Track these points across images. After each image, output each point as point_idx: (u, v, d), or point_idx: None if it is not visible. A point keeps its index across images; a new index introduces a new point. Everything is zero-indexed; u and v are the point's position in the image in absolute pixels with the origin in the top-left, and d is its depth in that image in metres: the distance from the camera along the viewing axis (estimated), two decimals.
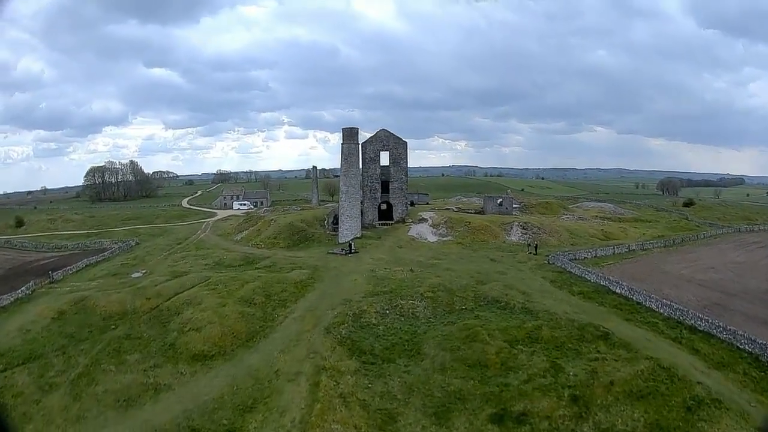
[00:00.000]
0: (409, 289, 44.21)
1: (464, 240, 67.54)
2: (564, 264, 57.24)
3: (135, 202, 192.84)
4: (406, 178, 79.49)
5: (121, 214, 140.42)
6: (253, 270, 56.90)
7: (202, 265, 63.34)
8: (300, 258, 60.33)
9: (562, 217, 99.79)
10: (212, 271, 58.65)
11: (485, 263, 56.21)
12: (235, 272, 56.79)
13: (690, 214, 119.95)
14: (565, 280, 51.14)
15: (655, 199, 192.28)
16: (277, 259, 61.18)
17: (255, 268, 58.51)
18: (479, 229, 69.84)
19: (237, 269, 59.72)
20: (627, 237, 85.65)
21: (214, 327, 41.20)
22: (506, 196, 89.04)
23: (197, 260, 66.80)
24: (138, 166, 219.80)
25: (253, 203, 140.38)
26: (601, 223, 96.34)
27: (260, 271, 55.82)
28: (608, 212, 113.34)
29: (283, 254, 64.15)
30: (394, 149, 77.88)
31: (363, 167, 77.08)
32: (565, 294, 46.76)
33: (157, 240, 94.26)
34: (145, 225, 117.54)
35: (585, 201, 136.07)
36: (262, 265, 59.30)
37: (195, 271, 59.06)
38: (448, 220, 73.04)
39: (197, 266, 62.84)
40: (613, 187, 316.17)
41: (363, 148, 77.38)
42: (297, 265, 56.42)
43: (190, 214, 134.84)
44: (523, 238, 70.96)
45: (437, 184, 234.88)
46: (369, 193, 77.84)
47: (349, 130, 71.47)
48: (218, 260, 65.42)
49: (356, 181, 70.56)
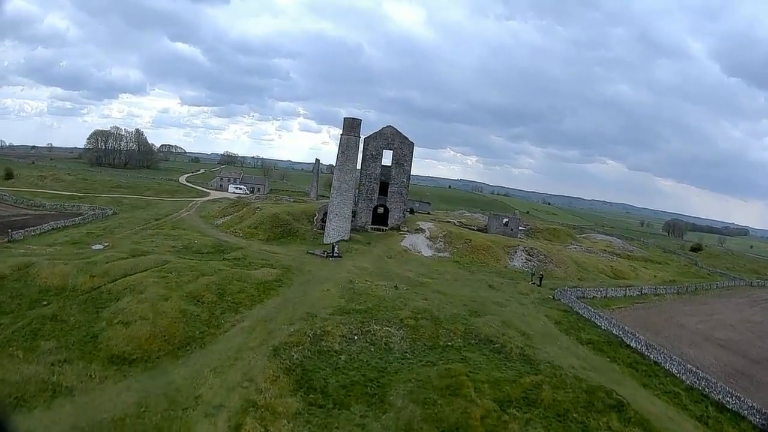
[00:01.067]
0: (388, 310, 36.27)
1: (462, 259, 59.50)
2: (571, 302, 49.58)
3: (134, 171, 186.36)
4: (408, 182, 71.58)
5: (114, 181, 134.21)
6: (219, 261, 49.20)
7: (169, 247, 55.81)
8: (275, 254, 52.52)
9: (569, 246, 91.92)
10: (175, 256, 51.05)
11: (482, 290, 48.30)
12: (198, 260, 49.15)
13: (699, 260, 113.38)
14: (572, 322, 43.27)
15: (661, 239, 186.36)
16: (251, 251, 53.43)
17: (222, 258, 50.81)
18: (480, 248, 61.77)
19: (202, 257, 52.09)
20: (638, 278, 78.25)
21: (145, 325, 33.47)
22: (513, 217, 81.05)
23: (166, 241, 59.32)
24: (143, 136, 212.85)
25: (250, 188, 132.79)
26: (611, 258, 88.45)
27: (226, 263, 48.08)
28: (617, 247, 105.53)
29: (258, 247, 56.39)
30: (398, 149, 69.60)
31: (362, 164, 69.33)
32: (572, 341, 38.89)
33: (136, 212, 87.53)
34: (133, 195, 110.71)
35: (592, 232, 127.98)
36: (231, 256, 51.58)
37: (157, 253, 51.54)
38: (448, 234, 65.00)
39: (163, 247, 55.35)
40: (618, 222, 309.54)
41: (365, 144, 69.39)
42: (269, 262, 48.64)
43: (183, 191, 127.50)
44: (527, 265, 63.03)
45: (442, 195, 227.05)
46: (365, 193, 69.70)
47: (350, 120, 63.13)
48: (188, 244, 57.81)
49: (351, 177, 62.62)
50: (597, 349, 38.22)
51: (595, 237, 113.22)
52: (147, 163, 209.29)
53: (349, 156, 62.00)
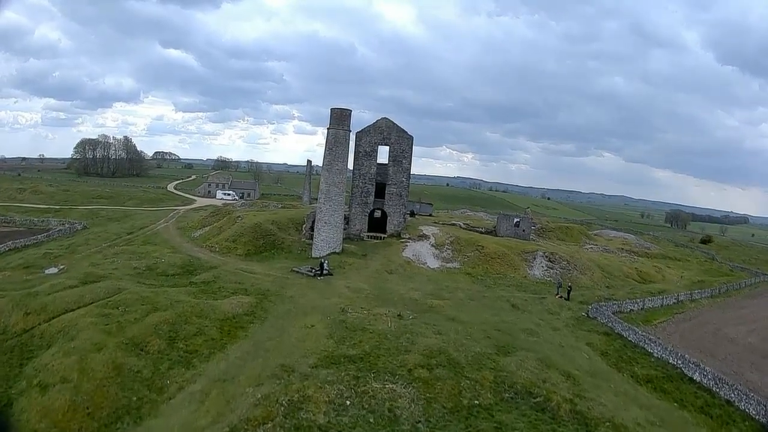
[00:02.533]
0: (391, 355, 26.97)
1: (475, 270, 50.10)
2: (610, 321, 40.70)
3: (121, 180, 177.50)
4: (408, 182, 61.74)
5: (97, 191, 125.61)
6: (183, 287, 39.85)
7: (130, 269, 46.62)
8: (252, 275, 43.07)
9: (586, 246, 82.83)
10: (133, 281, 41.85)
11: (505, 311, 39.04)
12: (159, 286, 39.87)
13: (715, 254, 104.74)
14: (619, 351, 34.28)
15: (665, 231, 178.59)
16: (224, 272, 44.05)
17: (189, 282, 41.50)
18: (494, 256, 52.34)
19: (166, 280, 42.85)
20: (665, 280, 69.36)
21: (65, 391, 24.19)
22: (524, 217, 71.77)
23: (130, 260, 50.04)
24: (131, 143, 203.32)
25: (239, 194, 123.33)
26: (632, 258, 79.47)
27: (190, 289, 38.71)
28: (633, 245, 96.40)
29: (234, 265, 46.97)
30: (396, 144, 59.70)
31: (355, 163, 59.75)
32: (627, 380, 29.89)
33: (110, 226, 78.38)
34: (111, 206, 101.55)
35: (603, 229, 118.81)
36: (200, 279, 42.22)
37: (114, 277, 42.41)
38: (456, 240, 55.50)
39: (123, 269, 46.20)
40: (618, 215, 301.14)
41: (357, 139, 59.66)
42: (242, 285, 39.24)
43: (168, 199, 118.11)
44: (548, 273, 53.84)
45: (441, 194, 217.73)
46: (359, 196, 60.17)
47: (338, 111, 52.09)
48: (153, 264, 48.51)
49: (342, 179, 52.47)
50: (658, 389, 29.55)
51: (609, 234, 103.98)
52: (137, 171, 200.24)
53: (338, 153, 51.70)
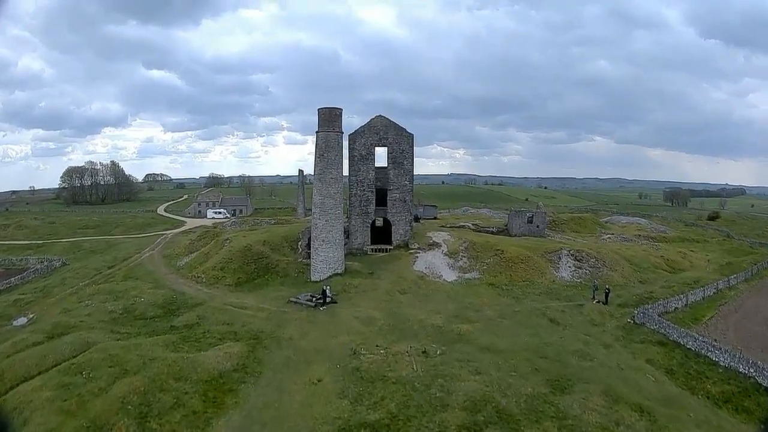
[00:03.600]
0: (424, 415, 20.52)
1: (498, 279, 43.54)
2: (661, 327, 34.97)
3: (110, 206, 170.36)
4: (411, 185, 54.45)
5: (84, 220, 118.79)
6: (163, 333, 33.28)
7: (105, 313, 40.25)
8: (243, 311, 36.44)
9: (603, 236, 76.68)
10: (106, 330, 35.40)
11: (544, 328, 32.70)
12: (134, 335, 33.41)
13: (729, 231, 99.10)
14: (683, 364, 28.49)
15: (672, 211, 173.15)
16: (210, 309, 37.49)
17: (169, 327, 34.90)
18: (516, 261, 45.80)
19: (143, 326, 36.28)
20: (693, 266, 63.48)
21: None
22: (538, 211, 65.33)
23: (106, 302, 43.51)
24: (119, 168, 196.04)
25: (231, 211, 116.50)
26: (654, 246, 73.35)
27: (171, 336, 32.16)
28: (648, 230, 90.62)
29: (222, 299, 40.36)
30: (395, 144, 52.75)
31: (350, 169, 53.09)
32: (703, 403, 24.18)
33: (91, 259, 71.68)
34: (96, 236, 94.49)
35: (612, 215, 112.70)
36: (183, 321, 35.63)
37: (85, 327, 36.08)
38: (470, 245, 48.91)
39: (97, 315, 39.86)
40: (615, 197, 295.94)
41: (351, 142, 53.05)
42: (232, 327, 32.68)
43: (157, 223, 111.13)
44: (577, 274, 47.54)
45: (438, 192, 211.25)
46: (358, 205, 53.39)
47: (327, 111, 44.72)
48: (131, 305, 42.01)
49: (337, 188, 45.69)
50: (740, 410, 24.15)
51: (620, 220, 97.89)
52: (126, 195, 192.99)
53: (330, 160, 44.64)
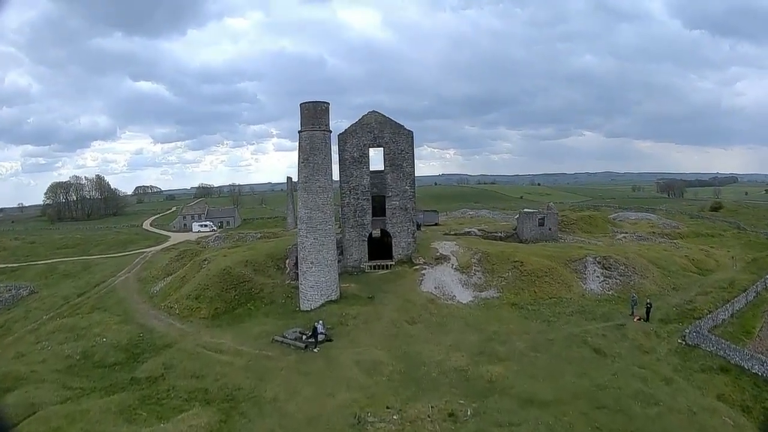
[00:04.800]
0: None
1: (520, 297, 36.37)
2: (719, 348, 29.60)
3: (96, 222, 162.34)
4: (413, 190, 46.44)
5: (66, 239, 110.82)
6: (120, 390, 26.10)
7: (61, 359, 33.52)
8: (218, 356, 29.16)
9: (618, 236, 70.26)
10: (56, 386, 28.51)
11: (590, 362, 25.92)
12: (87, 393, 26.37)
13: (739, 222, 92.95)
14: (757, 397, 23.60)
15: (672, 203, 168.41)
16: (180, 353, 30.20)
17: (129, 379, 27.71)
18: (539, 274, 38.62)
19: (100, 377, 29.25)
20: (719, 265, 57.20)
21: None
22: (550, 212, 58.37)
23: (64, 344, 36.45)
24: (104, 182, 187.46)
25: (218, 223, 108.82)
26: (674, 245, 67.06)
27: (129, 394, 25.07)
28: (661, 226, 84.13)
29: (195, 338, 33.02)
30: (392, 144, 44.96)
31: (341, 174, 45.79)
32: None
33: (62, 285, 64.44)
34: (74, 257, 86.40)
35: (619, 211, 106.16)
36: (145, 372, 28.37)
37: (35, 379, 29.49)
38: (483, 257, 41.65)
39: (52, 361, 33.22)
40: (608, 191, 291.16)
41: (340, 144, 45.61)
42: (202, 382, 25.48)
43: (140, 239, 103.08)
44: (608, 285, 40.67)
45: (432, 194, 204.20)
46: (352, 216, 45.86)
47: (312, 106, 36.86)
48: (91, 348, 34.88)
49: (326, 198, 37.83)
50: None
51: (629, 217, 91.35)
52: (113, 210, 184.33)
53: (316, 165, 36.94)
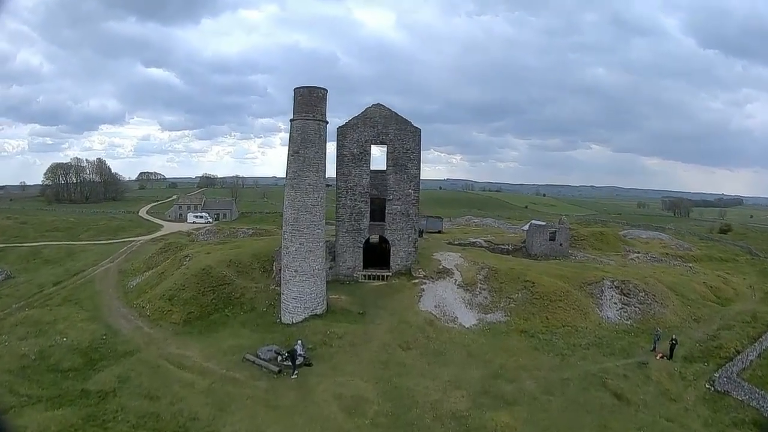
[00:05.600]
0: None
1: (531, 323, 32.04)
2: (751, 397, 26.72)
3: (94, 205, 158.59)
4: (417, 194, 41.36)
5: (58, 220, 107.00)
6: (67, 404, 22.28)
7: (16, 359, 29.93)
8: (180, 374, 25.10)
9: (630, 256, 65.84)
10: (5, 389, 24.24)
11: (612, 412, 21.96)
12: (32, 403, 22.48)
13: (751, 247, 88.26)
14: None
15: (674, 221, 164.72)
16: (140, 365, 26.22)
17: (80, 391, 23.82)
18: (553, 297, 34.26)
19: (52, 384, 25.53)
20: (738, 295, 52.75)
21: None
22: (562, 227, 54.10)
23: (23, 341, 32.70)
24: (105, 166, 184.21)
25: (214, 215, 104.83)
26: (687, 267, 62.76)
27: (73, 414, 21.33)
28: (673, 246, 79.71)
29: (161, 346, 28.98)
30: (397, 141, 39.94)
31: (338, 172, 41.00)
32: None
33: (40, 272, 60.98)
34: (62, 241, 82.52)
35: (628, 228, 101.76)
36: (98, 383, 24.54)
37: None
38: (490, 273, 37.13)
39: (7, 360, 30.02)
40: (613, 206, 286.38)
41: (339, 137, 40.68)
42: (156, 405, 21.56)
43: (132, 227, 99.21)
44: (626, 313, 36.42)
45: (435, 198, 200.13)
46: (348, 219, 41.17)
47: (306, 92, 32.45)
48: (49, 348, 30.99)
49: (316, 199, 33.35)
50: None
51: (640, 235, 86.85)
52: (112, 194, 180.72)
53: (308, 159, 32.70)
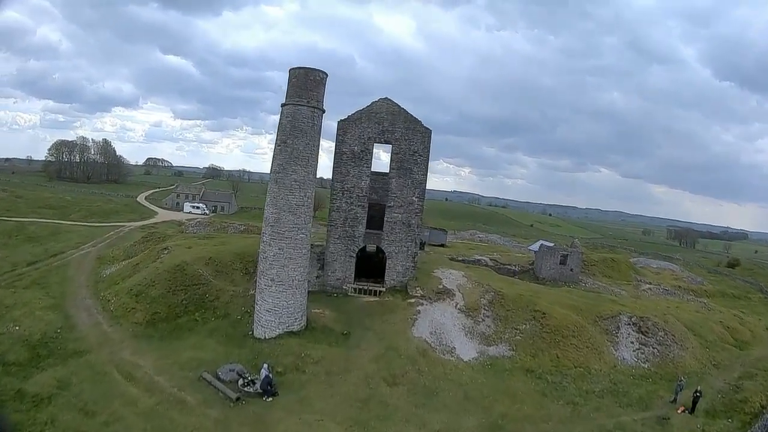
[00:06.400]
0: None
1: (538, 361, 27.75)
2: None
3: (94, 186, 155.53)
4: (422, 203, 36.18)
5: (54, 198, 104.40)
6: None
7: None
8: (126, 388, 21.30)
9: (642, 287, 61.81)
10: None
11: None
12: None
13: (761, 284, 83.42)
14: None
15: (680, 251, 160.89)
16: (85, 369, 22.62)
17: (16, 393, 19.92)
18: (563, 331, 30.03)
19: None
20: (754, 336, 48.36)
21: None
22: (574, 250, 49.98)
23: None
24: (111, 147, 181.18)
25: (212, 207, 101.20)
26: (702, 304, 58.43)
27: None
28: (685, 279, 75.33)
29: (115, 350, 25.23)
30: (403, 141, 35.01)
31: (335, 171, 35.93)
32: None
33: (19, 250, 57.83)
34: (51, 219, 79.20)
35: (637, 256, 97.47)
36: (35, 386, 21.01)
37: None
38: (495, 298, 32.98)
39: None
40: (618, 231, 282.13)
41: (340, 133, 35.59)
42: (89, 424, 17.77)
43: (126, 211, 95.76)
44: (642, 353, 32.41)
45: (441, 209, 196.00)
46: (341, 225, 36.13)
47: (302, 73, 27.64)
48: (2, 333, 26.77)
49: (303, 198, 28.34)
50: None
51: (651, 265, 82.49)
52: (115, 177, 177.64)
53: (296, 151, 27.49)
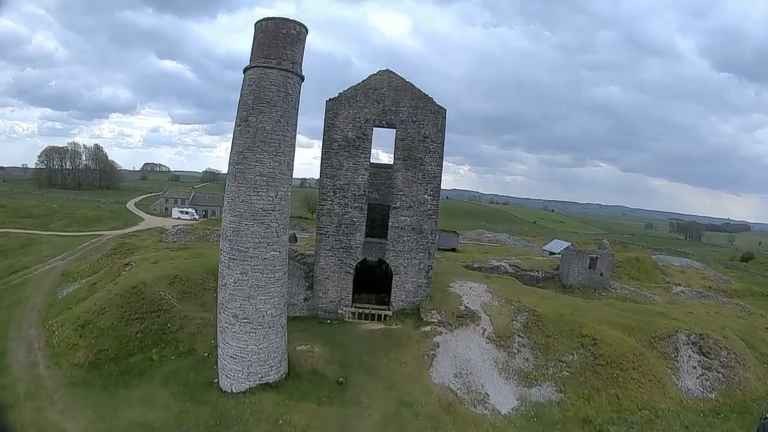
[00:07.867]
0: None
1: (595, 405, 21.11)
2: None
3: (85, 192, 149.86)
4: (436, 202, 29.15)
5: (38, 206, 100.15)
6: None
7: None
8: None
9: (674, 290, 55.34)
10: None
11: None
12: None
13: None
14: None
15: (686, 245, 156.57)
16: None
17: None
18: (621, 361, 22.95)
19: None
20: None
21: None
22: (604, 252, 43.41)
23: None
24: (102, 152, 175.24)
25: (202, 212, 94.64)
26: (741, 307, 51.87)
27: None
28: (713, 278, 68.82)
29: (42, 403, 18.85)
30: (410, 123, 26.80)
31: (324, 164, 27.90)
32: None
33: None
34: (27, 230, 73.20)
35: (656, 253, 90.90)
36: None
37: None
38: (530, 319, 25.52)
39: None
40: (620, 225, 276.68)
41: (329, 116, 27.44)
42: None
43: (109, 218, 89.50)
44: (706, 380, 25.96)
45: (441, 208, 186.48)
46: (334, 233, 28.16)
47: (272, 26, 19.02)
48: None
49: (271, 200, 19.32)
50: None
51: (672, 263, 76.01)
52: (107, 182, 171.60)
53: (263, 131, 19.08)
